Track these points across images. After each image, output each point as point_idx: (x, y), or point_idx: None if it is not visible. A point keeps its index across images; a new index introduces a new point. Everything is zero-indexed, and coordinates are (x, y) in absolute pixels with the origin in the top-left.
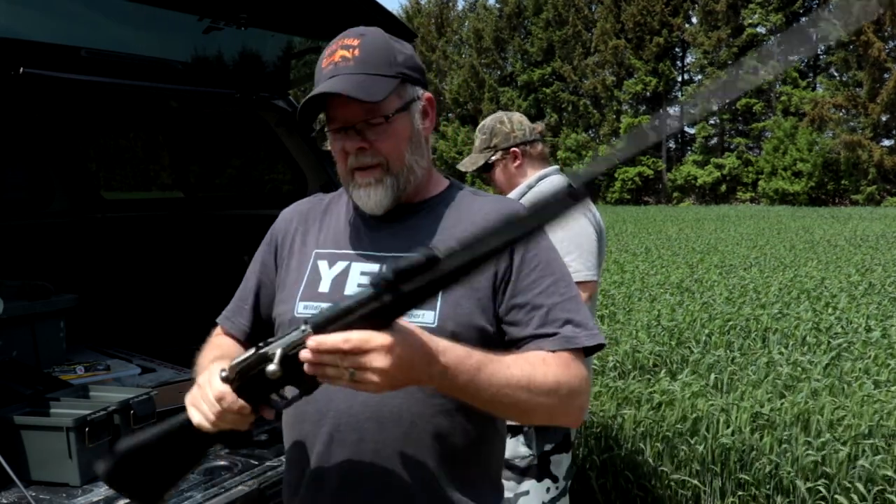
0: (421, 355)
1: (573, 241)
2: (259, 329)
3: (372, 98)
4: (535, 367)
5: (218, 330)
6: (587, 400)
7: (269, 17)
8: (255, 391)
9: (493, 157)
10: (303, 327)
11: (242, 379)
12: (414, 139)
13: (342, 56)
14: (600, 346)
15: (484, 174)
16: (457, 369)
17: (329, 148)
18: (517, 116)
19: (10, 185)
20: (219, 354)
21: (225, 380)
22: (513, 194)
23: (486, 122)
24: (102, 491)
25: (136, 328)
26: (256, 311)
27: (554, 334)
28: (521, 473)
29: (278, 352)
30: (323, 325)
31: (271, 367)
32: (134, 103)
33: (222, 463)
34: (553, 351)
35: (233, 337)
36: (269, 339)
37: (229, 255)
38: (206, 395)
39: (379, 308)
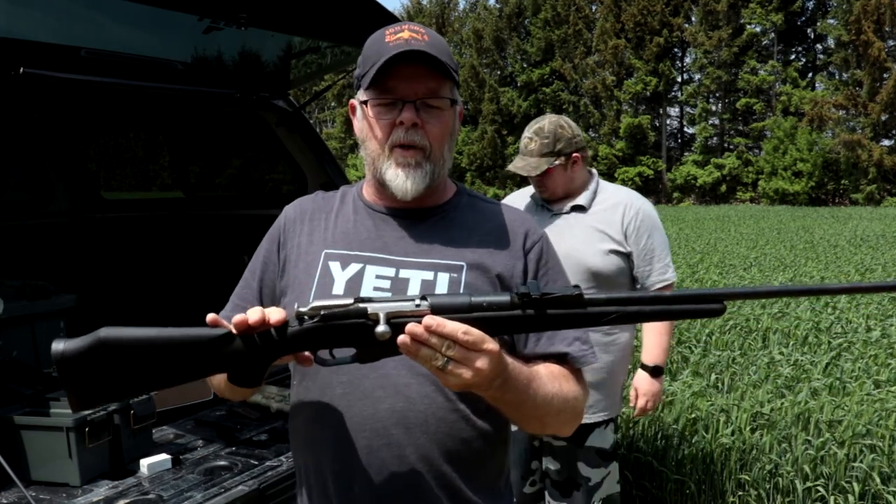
0: (501, 368)
1: (666, 245)
2: None
3: (452, 75)
4: (562, 384)
5: None
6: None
7: (269, 17)
8: (314, 340)
9: (556, 162)
10: (417, 301)
11: (324, 321)
12: (452, 137)
13: (412, 36)
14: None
15: (533, 177)
16: (512, 383)
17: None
18: (570, 121)
19: (10, 185)
20: None
21: (299, 315)
22: (583, 198)
23: (545, 125)
24: (103, 491)
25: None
26: None
27: (565, 353)
28: (610, 458)
29: (382, 314)
30: (441, 309)
31: (381, 329)
32: (134, 103)
33: (222, 463)
34: (565, 366)
35: None
36: (362, 297)
37: (229, 255)
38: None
39: (509, 318)
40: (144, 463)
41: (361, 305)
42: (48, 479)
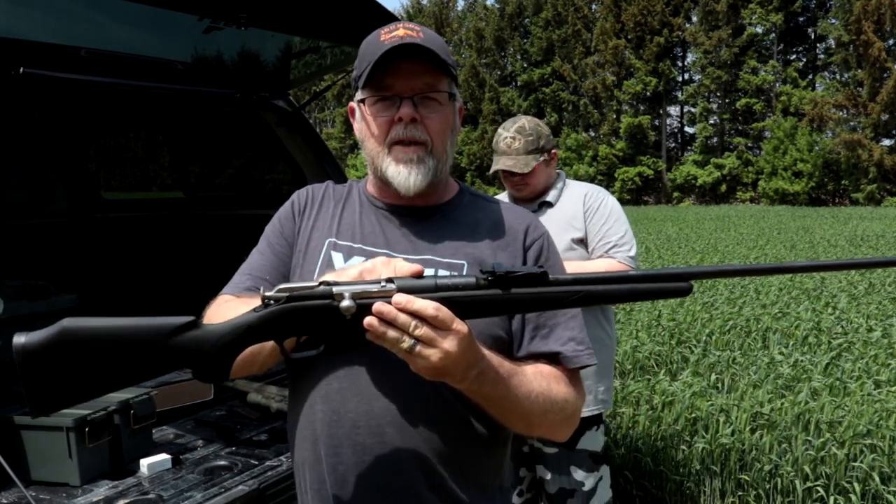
0: (472, 354)
1: (624, 218)
2: None
3: (449, 68)
4: (550, 383)
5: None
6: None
7: (269, 17)
8: (280, 325)
9: (542, 158)
10: (382, 282)
11: (290, 301)
12: (453, 132)
13: (407, 33)
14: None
15: (515, 176)
16: (490, 376)
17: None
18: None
19: (10, 185)
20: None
21: (265, 299)
22: (551, 195)
23: (525, 124)
24: (102, 491)
25: None
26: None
27: (558, 353)
28: (601, 461)
29: (347, 293)
30: (408, 290)
31: (346, 303)
32: (134, 103)
33: (222, 463)
34: (558, 367)
35: None
36: (327, 279)
37: (229, 255)
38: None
39: (475, 298)
40: (144, 463)
41: (327, 287)
42: (48, 479)
